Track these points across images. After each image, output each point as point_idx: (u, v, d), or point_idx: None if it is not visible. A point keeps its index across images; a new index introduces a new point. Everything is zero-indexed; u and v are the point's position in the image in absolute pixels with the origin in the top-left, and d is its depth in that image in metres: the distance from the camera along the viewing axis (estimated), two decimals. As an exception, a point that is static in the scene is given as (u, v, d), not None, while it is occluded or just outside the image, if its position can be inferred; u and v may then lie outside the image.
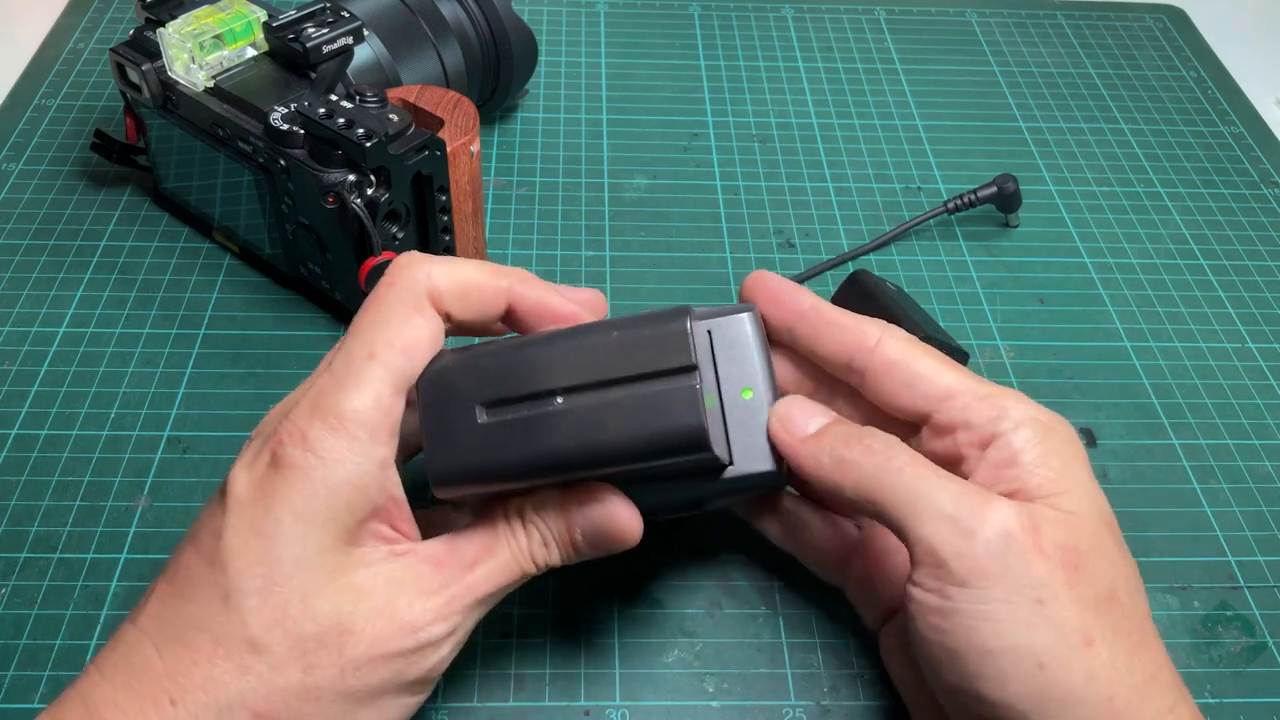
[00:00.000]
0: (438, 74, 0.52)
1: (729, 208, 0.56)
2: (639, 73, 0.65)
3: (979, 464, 0.31)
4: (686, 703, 0.36)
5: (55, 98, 0.60)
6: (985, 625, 0.28)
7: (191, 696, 0.27)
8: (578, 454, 0.29)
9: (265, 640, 0.27)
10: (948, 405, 0.32)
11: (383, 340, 0.30)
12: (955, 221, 0.56)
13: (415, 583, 0.29)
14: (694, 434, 0.29)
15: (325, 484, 0.28)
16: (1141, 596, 0.30)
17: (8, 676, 0.36)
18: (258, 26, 0.46)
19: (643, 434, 0.29)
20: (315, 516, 0.28)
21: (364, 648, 0.28)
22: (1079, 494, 0.30)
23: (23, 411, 0.44)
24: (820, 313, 0.34)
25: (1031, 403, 0.32)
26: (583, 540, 0.31)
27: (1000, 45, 0.69)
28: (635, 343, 0.30)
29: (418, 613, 0.29)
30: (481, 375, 0.30)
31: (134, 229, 0.52)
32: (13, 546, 0.39)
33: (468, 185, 0.45)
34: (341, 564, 0.28)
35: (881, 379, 0.33)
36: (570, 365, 0.30)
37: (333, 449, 0.28)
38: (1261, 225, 0.57)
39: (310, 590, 0.28)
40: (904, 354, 0.33)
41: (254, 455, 0.29)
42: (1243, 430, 0.46)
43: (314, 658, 0.28)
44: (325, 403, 0.29)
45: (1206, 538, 0.42)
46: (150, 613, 0.28)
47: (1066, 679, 0.28)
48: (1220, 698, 0.38)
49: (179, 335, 0.47)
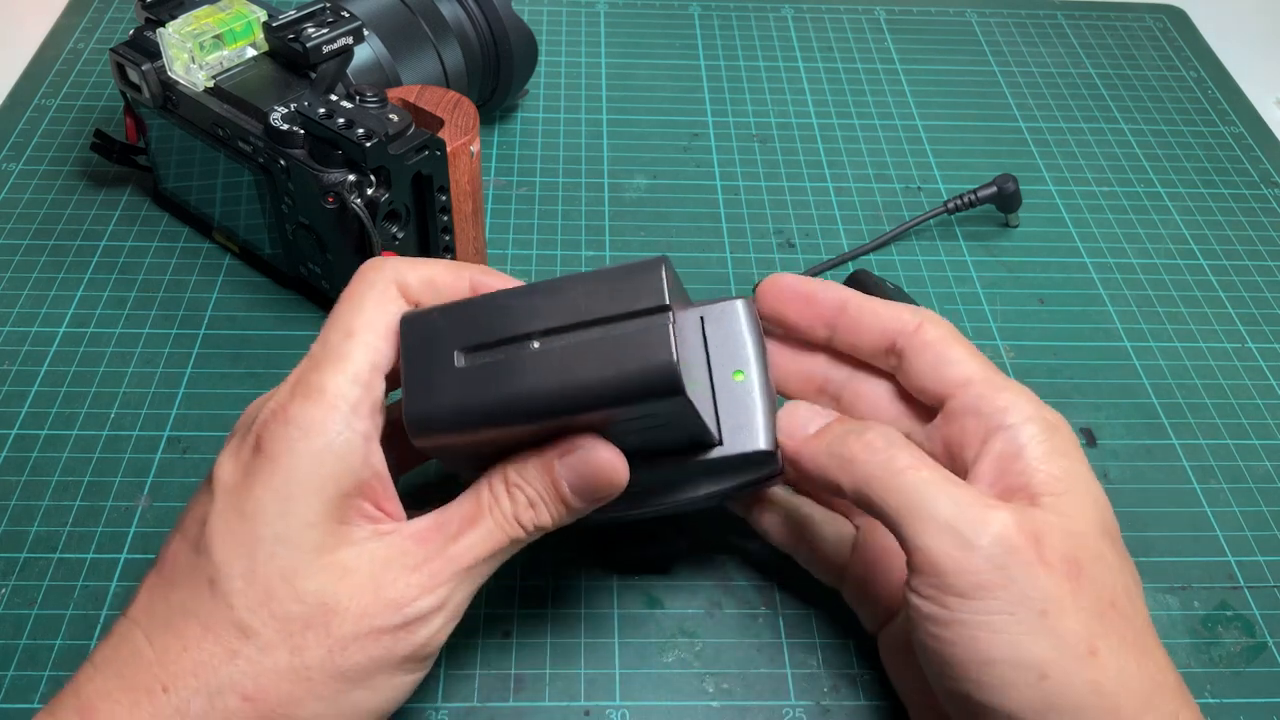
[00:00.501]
0: (438, 74, 0.52)
1: (729, 208, 0.56)
2: (639, 73, 0.65)
3: (984, 455, 0.31)
4: (686, 703, 0.36)
5: (55, 98, 0.60)
6: (987, 636, 0.28)
7: (182, 682, 0.27)
8: (553, 395, 0.29)
9: (251, 623, 0.27)
10: (963, 391, 0.32)
11: (359, 323, 0.30)
12: (955, 221, 0.56)
13: (400, 559, 0.29)
14: (666, 371, 0.28)
15: (307, 455, 0.28)
16: (1141, 601, 0.30)
17: (8, 676, 0.36)
18: (258, 26, 0.46)
19: (616, 373, 0.28)
20: (298, 491, 0.28)
21: (350, 626, 0.28)
22: (1082, 495, 0.30)
23: (23, 411, 0.44)
24: (862, 304, 0.34)
25: (1040, 401, 0.32)
26: (570, 491, 0.31)
27: (1000, 45, 0.69)
28: (611, 288, 0.30)
29: (402, 588, 0.29)
30: (461, 323, 0.30)
31: (134, 229, 0.52)
32: (13, 546, 0.39)
33: (468, 185, 0.45)
34: (326, 542, 0.28)
35: (915, 360, 0.33)
36: (547, 311, 0.30)
37: (313, 420, 0.28)
38: (1261, 225, 0.57)
39: (295, 570, 0.28)
40: (939, 338, 0.33)
41: (239, 442, 0.30)
42: (1243, 430, 0.46)
43: (301, 639, 0.28)
44: (305, 380, 0.29)
45: (1206, 538, 0.42)
46: (140, 604, 0.29)
47: (1070, 690, 0.28)
48: (1220, 698, 0.38)
49: (179, 335, 0.47)
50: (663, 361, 0.28)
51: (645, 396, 0.29)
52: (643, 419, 0.30)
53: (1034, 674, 0.28)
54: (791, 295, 0.35)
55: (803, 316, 0.35)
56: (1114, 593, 0.29)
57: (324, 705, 0.28)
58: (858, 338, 0.34)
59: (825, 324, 0.35)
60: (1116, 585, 0.30)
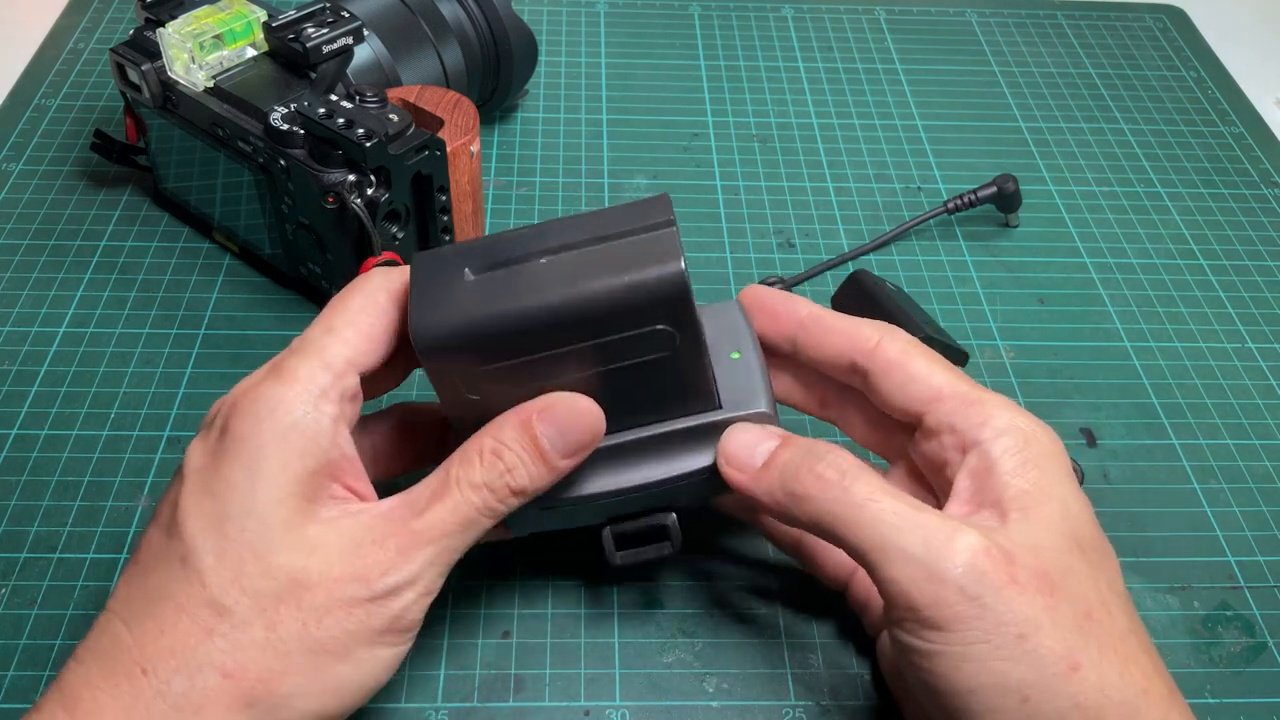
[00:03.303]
0: (438, 74, 0.52)
1: (729, 208, 0.56)
2: (639, 73, 0.65)
3: (961, 471, 0.31)
4: (686, 703, 0.36)
5: (55, 98, 0.60)
6: (967, 665, 0.28)
7: (161, 664, 0.27)
8: (561, 305, 0.29)
9: (224, 600, 0.28)
10: (937, 408, 0.32)
11: (341, 321, 0.30)
12: (955, 221, 0.56)
13: (367, 534, 0.29)
14: (674, 274, 0.29)
15: (273, 431, 0.28)
16: (1121, 608, 0.30)
17: (8, 676, 0.36)
18: (258, 26, 0.46)
19: (625, 280, 0.29)
20: (265, 466, 0.28)
21: (322, 598, 0.28)
22: (1054, 507, 0.30)
23: (23, 411, 0.44)
24: (819, 319, 0.34)
25: (1018, 410, 0.32)
26: (549, 445, 0.30)
27: (1000, 45, 0.69)
28: (619, 216, 0.30)
29: (370, 563, 0.29)
30: (472, 252, 0.31)
31: (134, 229, 0.52)
32: (13, 546, 0.39)
33: (468, 185, 0.45)
34: (294, 519, 0.28)
35: (880, 379, 0.33)
36: (557, 234, 0.30)
37: (281, 399, 0.29)
38: (1261, 225, 0.57)
39: (264, 545, 0.28)
40: (902, 354, 0.33)
41: (207, 430, 0.30)
42: (1243, 430, 0.46)
43: (275, 614, 0.28)
44: (278, 365, 0.30)
45: (1206, 538, 0.42)
46: (119, 594, 0.29)
47: (1053, 707, 0.28)
48: (1220, 698, 0.38)
49: (179, 335, 0.47)
50: (671, 265, 0.29)
51: (653, 303, 0.29)
52: (642, 356, 0.30)
53: (1016, 698, 0.28)
54: (758, 308, 0.35)
55: (767, 329, 0.35)
56: (1089, 603, 0.29)
57: (304, 679, 0.28)
58: (819, 353, 0.34)
59: (786, 339, 0.35)
60: (1091, 595, 0.29)
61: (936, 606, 0.28)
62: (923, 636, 0.29)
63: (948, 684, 0.29)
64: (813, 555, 0.37)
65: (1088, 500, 0.32)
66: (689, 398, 0.33)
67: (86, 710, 0.27)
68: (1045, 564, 0.29)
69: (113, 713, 0.27)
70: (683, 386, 0.32)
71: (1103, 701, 0.28)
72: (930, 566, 0.28)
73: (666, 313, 0.29)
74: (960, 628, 0.28)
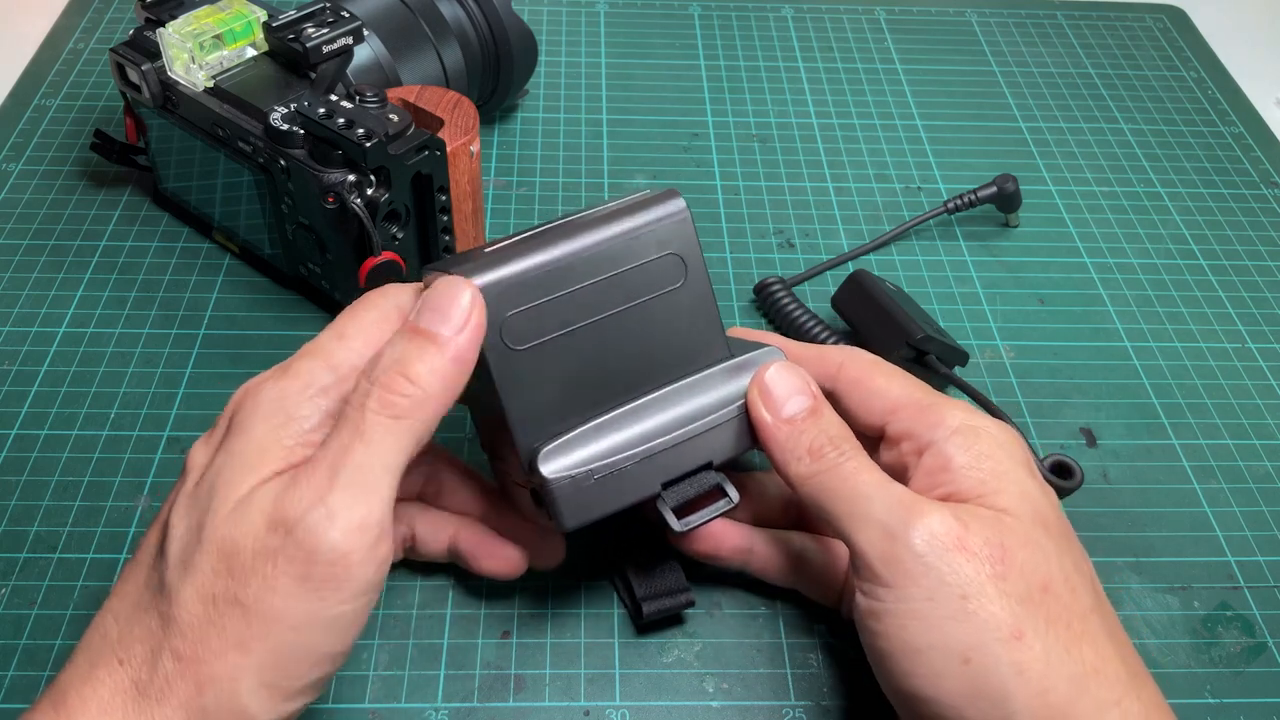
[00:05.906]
0: (438, 74, 0.52)
1: (729, 208, 0.56)
2: (639, 73, 0.65)
3: (916, 470, 0.33)
4: (686, 703, 0.36)
5: (55, 98, 0.60)
6: (912, 623, 0.29)
7: (133, 651, 0.28)
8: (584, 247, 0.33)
9: (171, 579, 0.28)
10: (895, 418, 0.34)
11: (354, 329, 0.31)
12: (955, 221, 0.56)
13: (288, 483, 0.28)
14: (678, 208, 0.34)
15: (264, 420, 0.29)
16: (1087, 590, 0.31)
17: (8, 676, 0.36)
18: (258, 26, 0.46)
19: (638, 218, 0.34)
20: (252, 449, 0.29)
21: (247, 558, 0.27)
22: (1012, 493, 0.31)
23: (23, 411, 0.44)
24: (787, 348, 0.36)
25: (971, 410, 0.33)
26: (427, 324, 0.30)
27: (1000, 45, 0.69)
28: (629, 200, 0.35)
29: (286, 506, 0.27)
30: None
31: (134, 229, 0.52)
32: (13, 546, 0.39)
33: (468, 185, 0.45)
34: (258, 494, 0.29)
35: (846, 398, 0.35)
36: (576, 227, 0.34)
37: (278, 391, 0.30)
38: (1261, 225, 0.57)
39: (215, 523, 0.28)
40: (862, 372, 0.35)
41: (215, 427, 0.31)
42: (1243, 430, 0.46)
43: (212, 587, 0.27)
44: (284, 365, 0.30)
45: (1206, 538, 0.42)
46: (115, 591, 0.30)
47: (995, 673, 0.28)
48: (1220, 698, 0.38)
49: (179, 335, 0.47)
50: (674, 202, 0.34)
51: (663, 231, 0.33)
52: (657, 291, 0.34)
53: (957, 659, 0.29)
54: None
55: None
56: (1048, 578, 0.30)
57: (248, 657, 0.27)
58: None
59: None
60: (1053, 570, 0.30)
61: (886, 563, 0.30)
62: (876, 595, 0.30)
63: (896, 644, 0.30)
64: (810, 583, 0.38)
65: (1051, 490, 0.33)
66: (703, 347, 0.35)
67: (72, 706, 0.27)
68: (1002, 536, 0.30)
69: (95, 704, 0.27)
70: (696, 332, 0.35)
71: (1046, 672, 0.28)
72: (888, 527, 0.30)
73: (675, 238, 0.34)
74: (907, 584, 0.29)
